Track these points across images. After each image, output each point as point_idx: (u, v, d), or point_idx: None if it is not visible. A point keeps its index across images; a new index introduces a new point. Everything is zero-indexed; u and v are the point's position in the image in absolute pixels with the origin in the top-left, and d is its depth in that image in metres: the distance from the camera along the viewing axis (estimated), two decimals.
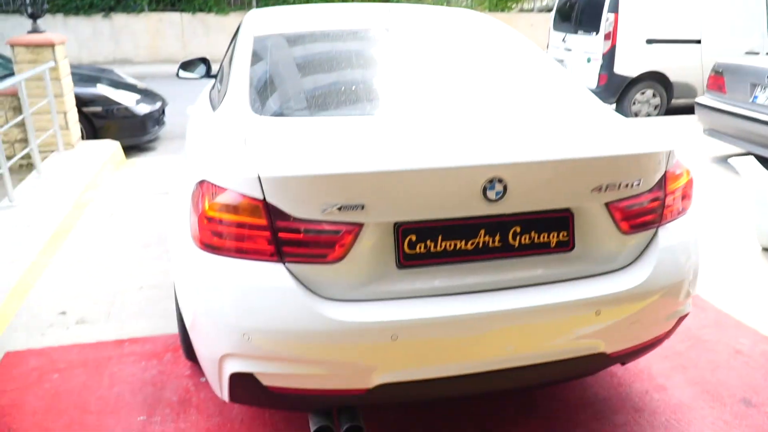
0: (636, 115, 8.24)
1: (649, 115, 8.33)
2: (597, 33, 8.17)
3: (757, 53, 8.24)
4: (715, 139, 6.22)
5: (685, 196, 2.17)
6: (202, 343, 1.93)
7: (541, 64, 2.68)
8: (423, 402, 2.43)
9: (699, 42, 8.21)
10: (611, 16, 7.97)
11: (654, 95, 8.30)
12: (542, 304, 1.89)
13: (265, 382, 1.84)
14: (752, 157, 4.23)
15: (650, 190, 2.03)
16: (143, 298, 3.33)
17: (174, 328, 2.89)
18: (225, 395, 1.93)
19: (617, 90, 8.12)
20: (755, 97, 5.66)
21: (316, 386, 1.85)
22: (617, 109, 8.20)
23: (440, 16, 3.03)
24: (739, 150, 6.17)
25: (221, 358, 1.84)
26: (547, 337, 1.94)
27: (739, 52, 8.06)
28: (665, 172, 2.07)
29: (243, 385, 1.87)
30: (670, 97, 8.32)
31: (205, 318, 1.87)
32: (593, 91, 8.21)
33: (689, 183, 2.19)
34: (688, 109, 7.90)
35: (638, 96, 8.25)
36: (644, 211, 2.03)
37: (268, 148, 1.88)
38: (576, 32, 8.66)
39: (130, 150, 6.76)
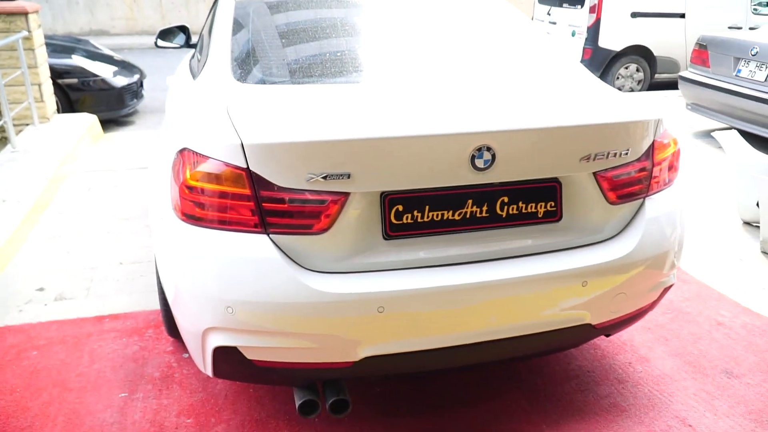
0: (619, 90, 8.22)
1: (632, 90, 8.33)
2: (582, 6, 8.10)
3: (739, 28, 8.25)
4: (698, 114, 6.24)
5: (672, 166, 2.17)
6: (185, 317, 1.90)
7: (530, 35, 2.64)
8: (409, 375, 2.43)
9: (683, 16, 8.19)
10: None
11: (638, 70, 8.29)
12: (529, 275, 1.88)
13: (250, 355, 1.81)
14: (735, 131, 4.25)
15: (638, 160, 2.02)
16: (123, 274, 3.27)
17: (155, 304, 2.84)
18: (209, 370, 1.90)
19: (601, 64, 8.10)
20: (739, 70, 5.67)
21: (301, 360, 1.83)
22: None
23: None
24: (721, 125, 6.20)
25: (204, 331, 1.81)
26: (534, 309, 1.94)
27: (722, 26, 8.06)
28: (653, 141, 2.06)
29: (227, 360, 1.84)
30: (653, 72, 8.32)
31: (187, 291, 1.82)
32: None
33: (677, 153, 2.18)
34: (670, 86, 7.92)
35: (622, 70, 8.24)
36: (632, 181, 2.03)
37: (251, 115, 1.82)
38: (561, 5, 8.59)
39: (107, 124, 6.61)
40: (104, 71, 6.68)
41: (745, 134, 4.92)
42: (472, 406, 2.33)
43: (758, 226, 3.85)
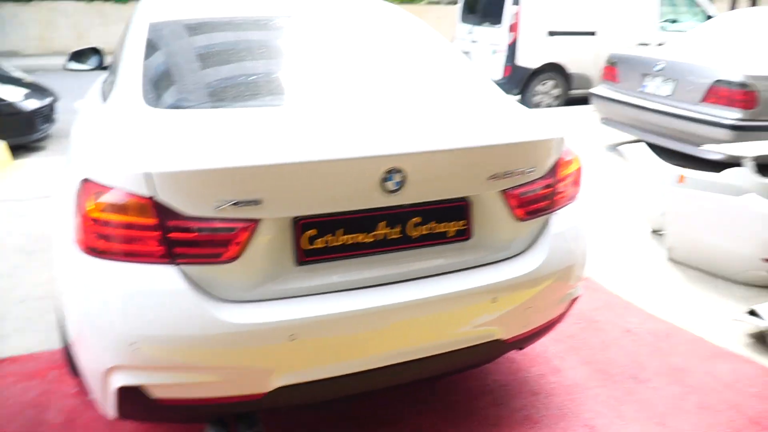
0: (537, 105, 8.54)
1: (550, 105, 8.66)
2: (501, 25, 8.38)
3: (648, 44, 8.71)
4: (611, 128, 6.55)
5: (576, 182, 2.26)
6: (87, 357, 1.81)
7: (443, 54, 2.67)
8: (325, 401, 2.40)
9: (594, 34, 8.60)
10: (514, 8, 8.20)
11: (554, 86, 8.63)
12: (441, 294, 1.91)
13: (156, 394, 1.74)
14: (643, 143, 4.48)
15: (543, 177, 2.09)
16: (26, 312, 3.08)
17: (60, 343, 2.69)
18: (113, 412, 1.81)
19: (520, 81, 8.39)
20: (644, 86, 6.00)
21: (209, 394, 1.78)
22: (521, 100, 8.48)
23: (344, 4, 2.98)
24: (633, 137, 6.52)
25: (107, 371, 1.73)
26: (447, 327, 1.97)
27: (632, 43, 8.49)
28: (557, 159, 2.14)
29: (132, 400, 1.76)
30: (569, 88, 8.68)
31: (89, 328, 1.74)
32: (498, 83, 8.44)
33: (579, 170, 2.28)
34: (586, 100, 8.28)
35: (540, 87, 8.55)
36: (538, 197, 2.10)
37: (159, 142, 1.77)
38: (481, 24, 8.85)
39: (17, 150, 6.26)
40: (13, 94, 6.36)
41: (654, 146, 5.20)
42: (392, 425, 2.33)
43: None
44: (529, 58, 8.31)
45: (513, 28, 8.25)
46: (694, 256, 3.74)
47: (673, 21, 9.24)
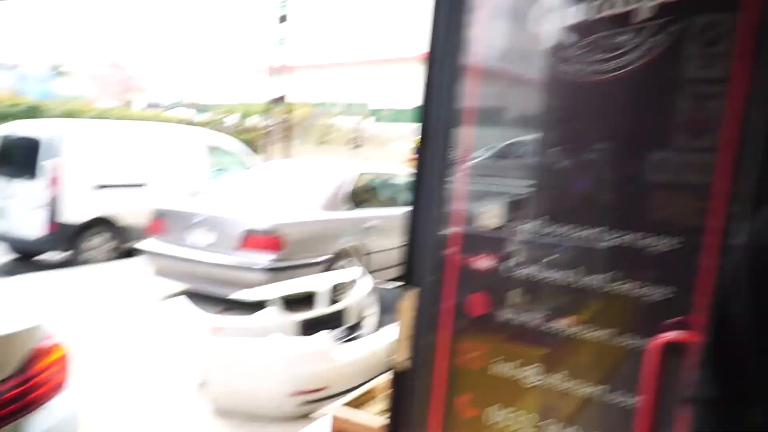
0: (89, 262, 8.01)
1: (105, 260, 8.22)
2: (40, 179, 7.72)
3: (200, 193, 9.11)
4: (166, 279, 6.51)
5: (62, 370, 2.06)
6: None
7: None
8: None
9: (144, 186, 8.67)
10: (54, 161, 7.70)
11: (107, 240, 8.28)
12: None
13: None
14: (184, 297, 4.56)
15: (12, 377, 1.82)
16: None
17: None
18: None
19: (66, 238, 7.79)
20: (188, 237, 6.24)
21: None
22: (71, 258, 7.84)
23: None
24: (185, 287, 6.59)
25: None
26: None
27: (184, 193, 8.74)
28: (32, 350, 1.91)
29: None
30: (123, 241, 8.40)
31: None
32: (42, 241, 7.65)
33: (64, 356, 2.09)
34: None
35: (90, 242, 8.08)
36: (4, 402, 1.80)
37: None
38: (17, 177, 7.98)
39: None
40: None
41: (206, 295, 5.35)
42: None
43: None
44: (74, 213, 7.84)
45: (54, 182, 7.70)
46: (237, 403, 3.86)
47: (222, 170, 10.02)
